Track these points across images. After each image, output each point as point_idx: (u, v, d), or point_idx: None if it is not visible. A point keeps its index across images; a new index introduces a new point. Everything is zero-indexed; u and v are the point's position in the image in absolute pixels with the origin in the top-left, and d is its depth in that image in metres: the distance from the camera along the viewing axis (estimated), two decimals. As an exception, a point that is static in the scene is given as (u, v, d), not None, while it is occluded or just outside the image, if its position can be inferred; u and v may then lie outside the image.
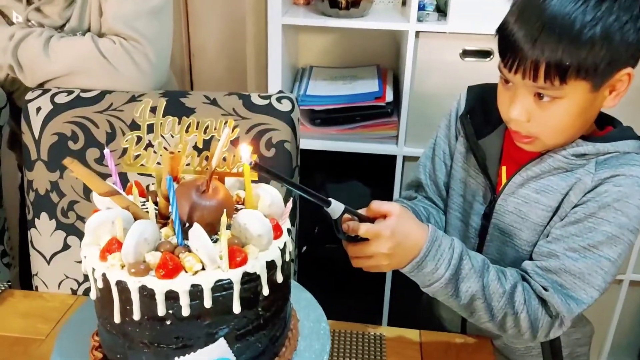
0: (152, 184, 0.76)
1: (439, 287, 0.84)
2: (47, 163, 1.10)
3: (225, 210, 0.65)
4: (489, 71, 0.99)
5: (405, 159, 1.69)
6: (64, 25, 1.16)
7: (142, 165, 0.71)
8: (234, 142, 0.71)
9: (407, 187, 1.12)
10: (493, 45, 1.54)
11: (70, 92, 1.10)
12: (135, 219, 0.68)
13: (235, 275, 0.63)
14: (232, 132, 0.69)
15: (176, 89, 1.51)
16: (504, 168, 0.96)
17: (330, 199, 0.78)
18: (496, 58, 1.52)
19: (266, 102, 1.09)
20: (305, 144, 1.72)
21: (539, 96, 0.82)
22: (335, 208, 0.78)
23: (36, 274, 1.16)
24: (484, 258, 0.88)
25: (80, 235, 1.11)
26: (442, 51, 1.58)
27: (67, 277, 1.14)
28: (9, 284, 1.08)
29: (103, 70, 1.11)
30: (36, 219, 1.12)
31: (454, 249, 0.84)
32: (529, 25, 0.79)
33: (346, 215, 0.80)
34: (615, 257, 0.85)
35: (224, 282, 0.63)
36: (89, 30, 1.17)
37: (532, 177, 0.90)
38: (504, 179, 0.95)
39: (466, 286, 0.84)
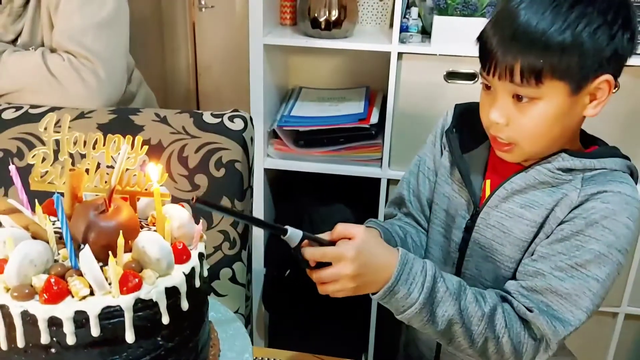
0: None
1: (413, 313, 0.80)
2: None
3: (121, 231, 0.61)
4: (474, 94, 0.98)
5: (390, 182, 1.65)
6: (16, 39, 1.15)
7: (50, 182, 0.68)
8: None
9: (389, 205, 1.10)
10: (477, 67, 1.51)
11: (19, 108, 1.09)
12: (35, 238, 0.64)
13: (126, 302, 0.59)
14: (140, 149, 0.66)
15: (156, 106, 1.49)
16: (487, 181, 0.95)
17: (286, 226, 0.74)
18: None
19: (217, 120, 1.06)
20: (289, 165, 1.70)
21: (518, 98, 0.82)
22: (293, 236, 0.74)
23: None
24: (460, 280, 0.84)
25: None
26: (427, 73, 1.54)
27: None
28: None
29: (51, 87, 1.09)
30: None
31: (427, 272, 0.81)
32: (503, 31, 0.81)
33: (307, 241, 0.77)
34: (604, 277, 0.82)
35: (113, 308, 0.59)
36: (42, 45, 1.15)
37: (517, 190, 0.88)
38: (487, 193, 0.93)
39: (442, 310, 0.80)
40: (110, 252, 0.59)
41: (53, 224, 0.69)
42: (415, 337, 1.06)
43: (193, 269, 0.66)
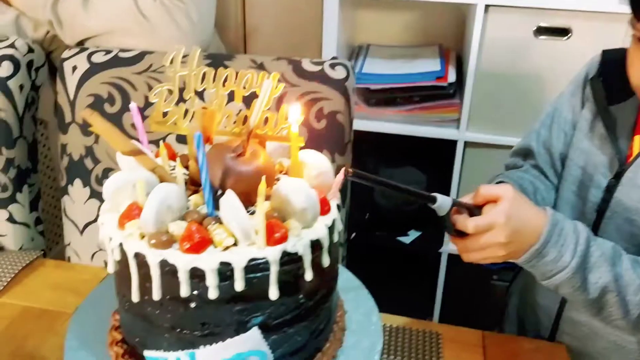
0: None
1: (563, 278, 0.73)
2: (81, 126, 1.02)
3: (264, 177, 0.55)
4: (566, 51, 0.88)
5: (467, 144, 1.56)
6: None
7: (171, 123, 0.62)
8: (278, 102, 0.61)
9: (513, 154, 1.03)
10: (571, 21, 1.41)
11: (108, 52, 1.03)
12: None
13: (272, 254, 0.53)
14: (276, 87, 0.59)
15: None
16: (637, 137, 0.85)
17: (435, 194, 0.69)
18: (575, 36, 1.39)
19: (318, 68, 0.98)
20: (359, 124, 1.61)
21: None
22: (442, 204, 0.69)
23: (69, 244, 1.10)
24: (614, 244, 0.76)
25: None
26: (514, 28, 1.44)
27: (101, 249, 1.07)
28: (43, 252, 1.04)
29: (142, 29, 1.03)
30: (69, 186, 1.06)
31: (579, 234, 0.73)
32: None
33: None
34: None
35: (259, 261, 0.53)
36: None
37: None
38: (636, 150, 0.84)
39: (595, 277, 0.73)
40: (254, 200, 0.53)
41: (173, 169, 0.64)
42: (535, 302, 0.99)
43: (334, 221, 0.59)
